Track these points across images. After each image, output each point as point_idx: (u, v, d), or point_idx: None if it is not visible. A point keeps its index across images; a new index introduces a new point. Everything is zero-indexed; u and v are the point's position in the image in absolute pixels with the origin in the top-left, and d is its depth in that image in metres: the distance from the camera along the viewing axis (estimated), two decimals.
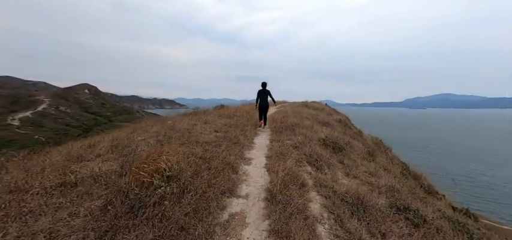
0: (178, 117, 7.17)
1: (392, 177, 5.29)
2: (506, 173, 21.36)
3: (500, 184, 18.97)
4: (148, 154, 2.69)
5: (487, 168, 22.33)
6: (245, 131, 6.18)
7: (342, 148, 6.41)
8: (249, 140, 5.52)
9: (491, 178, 19.98)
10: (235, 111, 9.60)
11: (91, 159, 2.93)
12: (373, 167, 6.50)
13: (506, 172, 21.89)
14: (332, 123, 10.96)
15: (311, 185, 3.35)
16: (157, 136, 4.14)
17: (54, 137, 38.95)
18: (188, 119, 6.65)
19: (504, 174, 21.10)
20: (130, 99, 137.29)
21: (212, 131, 5.60)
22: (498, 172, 21.63)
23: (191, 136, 4.61)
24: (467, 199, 15.42)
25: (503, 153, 28.73)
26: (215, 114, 8.26)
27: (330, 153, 5.74)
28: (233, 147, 4.54)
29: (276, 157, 4.49)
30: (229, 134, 5.54)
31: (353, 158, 6.37)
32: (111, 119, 57.09)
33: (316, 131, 7.60)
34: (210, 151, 3.84)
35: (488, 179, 19.83)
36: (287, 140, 5.96)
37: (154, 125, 5.42)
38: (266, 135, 6.40)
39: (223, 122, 7.16)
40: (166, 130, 4.72)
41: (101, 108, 59.89)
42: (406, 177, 8.33)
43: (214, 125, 6.31)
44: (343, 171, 4.99)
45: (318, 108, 14.29)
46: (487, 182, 19.29)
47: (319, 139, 6.79)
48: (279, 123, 7.57)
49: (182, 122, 5.96)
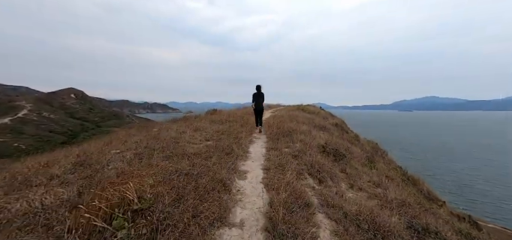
0: (166, 123, 6.57)
1: (398, 188, 4.92)
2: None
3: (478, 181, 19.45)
4: (119, 174, 2.13)
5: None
6: (239, 139, 5.67)
7: (342, 155, 6.01)
8: (243, 149, 5.01)
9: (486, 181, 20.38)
10: (228, 116, 9.07)
11: (40, 184, 2.31)
12: (376, 175, 6.14)
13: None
14: (329, 127, 10.63)
15: (317, 204, 2.87)
16: (136, 148, 3.56)
17: (35, 144, 36.75)
18: (176, 126, 6.06)
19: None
20: (120, 103, 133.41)
21: (202, 140, 5.05)
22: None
23: (178, 147, 4.05)
24: (455, 198, 15.52)
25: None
26: (207, 120, 7.70)
27: (331, 162, 5.32)
28: (226, 159, 4.01)
29: (274, 169, 4.00)
30: (221, 142, 5.01)
31: (355, 165, 5.98)
32: (99, 125, 54.91)
33: (314, 137, 7.19)
34: (198, 165, 3.30)
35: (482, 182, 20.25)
36: (285, 148, 5.50)
37: (136, 133, 4.81)
38: (262, 143, 5.91)
39: (216, 128, 6.62)
40: (149, 140, 4.13)
41: (88, 113, 57.58)
42: (406, 183, 8.06)
43: (205, 133, 5.76)
44: (347, 182, 4.57)
45: (314, 112, 14.00)
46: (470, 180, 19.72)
47: (319, 146, 6.38)
48: (276, 129, 7.11)
49: (169, 130, 5.37)
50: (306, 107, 15.05)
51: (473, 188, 18.15)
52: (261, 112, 7.63)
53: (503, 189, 18.20)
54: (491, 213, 14.00)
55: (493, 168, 23.52)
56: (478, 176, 20.72)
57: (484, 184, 18.91)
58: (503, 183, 19.29)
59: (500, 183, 19.31)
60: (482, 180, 19.51)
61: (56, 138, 41.38)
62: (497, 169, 23.34)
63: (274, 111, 13.34)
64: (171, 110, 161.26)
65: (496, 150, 33.06)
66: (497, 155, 29.73)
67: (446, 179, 20.00)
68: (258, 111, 7.55)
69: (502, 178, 20.49)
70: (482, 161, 25.53)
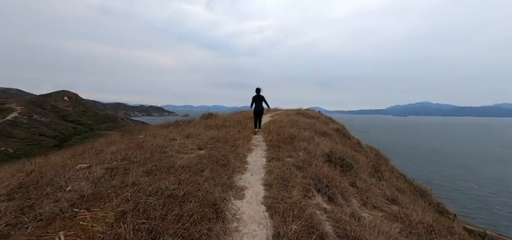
0: (155, 129, 5.93)
1: (416, 205, 4.39)
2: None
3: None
4: (74, 201, 1.52)
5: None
6: (236, 147, 5.08)
7: (350, 165, 5.46)
8: (241, 159, 4.42)
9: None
10: (224, 120, 8.47)
11: None
12: (387, 187, 5.60)
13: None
14: (330, 133, 10.11)
15: (332, 235, 2.29)
16: (111, 161, 2.94)
17: (24, 148, 35.40)
18: (166, 132, 5.44)
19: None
20: (115, 106, 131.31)
21: (194, 149, 4.45)
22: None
23: (163, 158, 3.44)
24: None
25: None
26: (201, 125, 7.09)
27: (339, 174, 4.76)
28: (220, 172, 3.42)
29: (277, 184, 3.42)
30: (216, 151, 4.41)
31: (363, 177, 5.44)
32: (93, 128, 53.62)
33: (317, 144, 6.64)
34: (186, 182, 2.70)
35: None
36: (287, 157, 4.93)
37: (118, 141, 4.18)
38: (262, 151, 5.33)
39: (210, 134, 6.02)
40: (130, 150, 3.52)
41: (81, 116, 56.31)
42: (414, 194, 7.53)
43: (198, 140, 5.15)
44: (359, 198, 4.01)
45: (314, 117, 13.48)
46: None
47: (323, 154, 5.83)
48: (276, 136, 6.54)
49: (157, 137, 4.75)
50: (305, 112, 14.54)
51: (476, 195, 17.81)
52: (261, 114, 7.73)
53: (497, 194, 18.04)
54: (486, 219, 13.63)
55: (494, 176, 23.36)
56: (480, 183, 20.45)
57: (482, 190, 18.61)
58: (498, 190, 19.13)
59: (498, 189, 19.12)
60: (484, 187, 19.23)
61: (47, 141, 40.02)
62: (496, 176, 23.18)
63: (273, 116, 12.79)
64: (167, 113, 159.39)
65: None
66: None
67: (444, 183, 19.74)
68: (257, 113, 7.62)
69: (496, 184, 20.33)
70: (490, 171, 25.33)
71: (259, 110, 7.56)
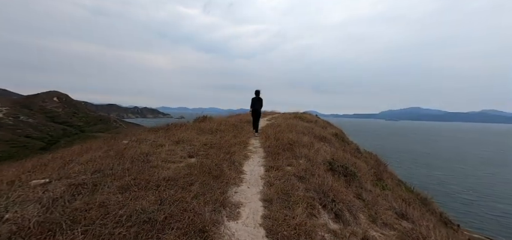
0: (143, 132, 5.43)
1: (429, 223, 4.02)
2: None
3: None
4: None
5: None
6: (232, 154, 4.62)
7: (353, 174, 5.08)
8: (236, 169, 3.97)
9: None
10: (219, 124, 8.00)
11: None
12: (392, 198, 5.24)
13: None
14: (329, 138, 9.77)
15: None
16: (79, 174, 2.44)
17: (9, 150, 33.72)
18: (155, 137, 4.94)
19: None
20: (108, 108, 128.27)
21: (184, 156, 3.97)
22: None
23: (146, 169, 2.96)
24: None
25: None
26: (194, 129, 6.60)
27: (342, 184, 4.37)
28: (212, 186, 2.96)
29: (278, 199, 2.99)
30: (208, 160, 3.95)
31: (368, 187, 5.07)
32: (84, 129, 51.99)
33: (318, 151, 6.26)
34: (169, 201, 2.23)
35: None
36: (287, 166, 4.51)
37: (96, 148, 3.66)
38: (259, 158, 4.89)
39: (203, 139, 5.55)
40: (107, 159, 3.02)
41: (71, 117, 54.60)
42: (418, 204, 7.22)
43: (189, 146, 4.67)
44: (367, 213, 3.62)
45: (312, 121, 13.16)
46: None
47: (325, 162, 5.44)
48: (274, 141, 6.12)
49: (142, 143, 4.25)
50: (303, 115, 14.21)
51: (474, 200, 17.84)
52: (259, 115, 7.84)
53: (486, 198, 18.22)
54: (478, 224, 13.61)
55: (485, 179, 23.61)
56: (475, 189, 20.57)
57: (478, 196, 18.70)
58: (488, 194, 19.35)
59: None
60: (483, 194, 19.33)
61: (34, 143, 38.34)
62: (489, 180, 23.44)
63: (271, 119, 12.39)
64: (161, 115, 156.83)
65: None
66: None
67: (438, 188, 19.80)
68: (256, 115, 7.71)
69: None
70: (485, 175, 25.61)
71: (258, 112, 7.72)
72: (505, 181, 23.23)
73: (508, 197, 18.55)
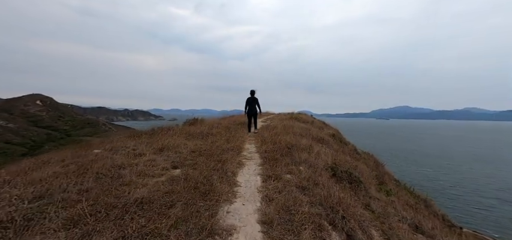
0: (121, 139, 4.77)
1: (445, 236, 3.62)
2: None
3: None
4: None
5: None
6: (224, 162, 4.07)
7: (358, 181, 4.64)
8: (229, 180, 3.42)
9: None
10: (211, 127, 7.39)
11: None
12: (400, 205, 4.85)
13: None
14: (327, 139, 9.37)
15: None
16: (11, 204, 1.81)
17: None
18: (134, 144, 4.31)
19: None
20: (96, 111, 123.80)
21: (167, 168, 3.38)
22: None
23: (115, 187, 2.36)
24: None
25: None
26: (182, 134, 5.98)
27: (349, 193, 3.91)
28: (199, 206, 2.40)
29: (279, 219, 2.47)
30: (196, 171, 3.38)
31: (375, 194, 4.64)
32: (70, 134, 49.73)
33: (318, 154, 5.79)
34: (136, 234, 1.66)
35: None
36: (287, 174, 4.00)
37: (56, 161, 3.01)
38: (255, 166, 4.35)
39: (192, 145, 4.96)
40: (66, 175, 2.39)
41: (56, 121, 52.15)
42: (420, 206, 6.90)
43: (175, 154, 4.08)
44: (380, 228, 3.16)
45: (308, 121, 12.76)
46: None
47: (327, 167, 4.98)
48: (271, 145, 5.61)
49: (119, 152, 3.62)
50: (299, 116, 13.79)
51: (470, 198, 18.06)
52: (255, 115, 7.78)
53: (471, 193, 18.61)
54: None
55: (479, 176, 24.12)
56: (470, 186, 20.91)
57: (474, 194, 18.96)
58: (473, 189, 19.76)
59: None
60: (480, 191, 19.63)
61: (14, 149, 36.09)
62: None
63: (266, 120, 11.88)
64: (153, 117, 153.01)
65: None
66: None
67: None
68: (251, 115, 7.66)
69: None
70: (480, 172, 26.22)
71: (252, 112, 7.61)
72: (490, 176, 23.88)
73: (491, 191, 19.05)
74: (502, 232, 12.06)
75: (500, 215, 14.60)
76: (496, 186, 20.65)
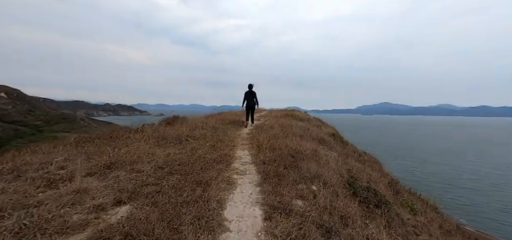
0: (43, 149, 3.27)
1: None
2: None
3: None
4: None
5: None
6: (206, 183, 2.75)
7: (385, 201, 3.53)
8: (209, 221, 2.12)
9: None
10: (193, 127, 5.95)
11: None
12: (436, 231, 3.85)
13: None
14: (328, 139, 8.29)
15: None
16: None
17: None
18: (64, 157, 2.85)
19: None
20: (74, 105, 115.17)
21: (106, 205, 1.99)
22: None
23: None
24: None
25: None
26: (153, 138, 4.53)
27: (383, 228, 2.78)
28: None
29: None
30: (156, 206, 2.04)
31: (402, 214, 3.57)
32: (42, 129, 45.43)
33: (327, 163, 4.64)
34: None
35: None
36: (297, 200, 2.78)
37: None
38: (252, 186, 3.07)
39: (164, 155, 3.57)
40: None
41: (26, 116, 47.41)
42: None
43: (131, 172, 2.69)
44: None
45: (304, 119, 11.66)
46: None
47: (343, 182, 3.83)
48: (270, 152, 4.34)
49: (20, 179, 2.16)
50: (294, 113, 12.66)
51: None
52: (253, 108, 7.94)
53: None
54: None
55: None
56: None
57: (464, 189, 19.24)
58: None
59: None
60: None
61: None
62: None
63: (259, 118, 10.57)
64: (138, 113, 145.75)
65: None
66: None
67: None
68: (249, 108, 7.85)
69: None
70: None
71: (250, 106, 7.79)
72: (463, 170, 24.72)
73: (466, 183, 19.49)
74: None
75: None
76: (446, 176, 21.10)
